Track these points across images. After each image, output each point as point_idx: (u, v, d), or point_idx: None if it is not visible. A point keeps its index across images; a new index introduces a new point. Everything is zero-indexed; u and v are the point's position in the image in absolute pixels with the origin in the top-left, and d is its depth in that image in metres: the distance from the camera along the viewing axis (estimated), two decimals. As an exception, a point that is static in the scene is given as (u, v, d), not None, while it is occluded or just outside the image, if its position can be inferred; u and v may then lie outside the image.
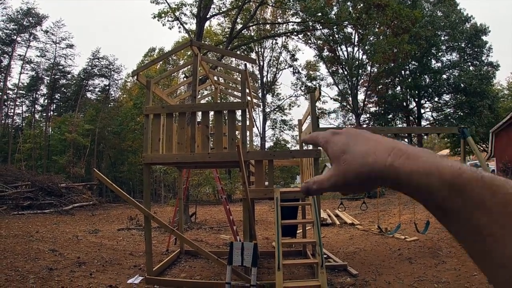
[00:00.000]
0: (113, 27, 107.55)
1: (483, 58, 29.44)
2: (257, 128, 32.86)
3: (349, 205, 14.67)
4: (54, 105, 34.48)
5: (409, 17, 16.86)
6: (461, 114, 28.70)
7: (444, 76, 29.85)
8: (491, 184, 0.34)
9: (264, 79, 33.26)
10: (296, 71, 32.45)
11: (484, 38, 28.79)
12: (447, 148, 37.55)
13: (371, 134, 0.46)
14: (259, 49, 32.23)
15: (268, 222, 13.27)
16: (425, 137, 37.26)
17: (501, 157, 17.67)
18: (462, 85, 27.71)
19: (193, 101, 6.32)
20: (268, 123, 35.41)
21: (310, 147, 6.21)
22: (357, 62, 29.04)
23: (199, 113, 6.24)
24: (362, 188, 0.45)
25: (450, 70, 29.88)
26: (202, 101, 10.09)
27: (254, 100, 9.58)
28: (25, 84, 31.62)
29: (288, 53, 32.26)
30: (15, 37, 28.87)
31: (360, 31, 24.95)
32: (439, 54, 29.82)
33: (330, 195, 24.39)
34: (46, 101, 32.91)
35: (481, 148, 26.41)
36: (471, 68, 29.25)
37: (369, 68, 29.81)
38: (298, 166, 9.50)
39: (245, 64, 7.86)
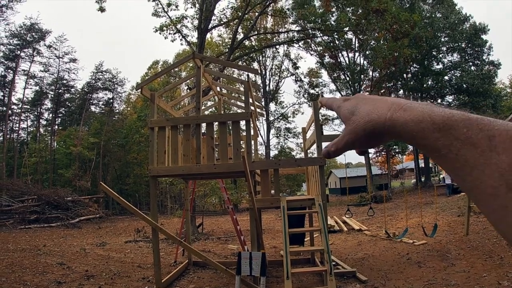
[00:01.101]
0: (116, 41, 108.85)
1: (484, 57, 29.43)
2: (262, 137, 32.96)
3: (356, 211, 14.62)
4: (59, 119, 34.85)
5: (408, 21, 16.93)
6: (465, 115, 28.67)
7: (446, 77, 29.85)
8: (478, 123, 0.37)
9: (267, 87, 33.43)
10: (298, 79, 32.66)
11: (484, 37, 28.80)
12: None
13: (377, 96, 0.51)
14: (261, 58, 32.48)
15: (275, 231, 13.23)
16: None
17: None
18: (464, 85, 27.70)
19: (198, 112, 6.38)
20: (272, 131, 35.54)
21: (315, 154, 6.24)
22: (358, 68, 29.16)
23: (204, 125, 6.29)
24: (371, 143, 0.51)
25: (452, 71, 29.90)
26: (206, 112, 10.15)
27: (258, 110, 9.65)
28: (30, 98, 32.09)
29: (290, 61, 32.49)
30: (18, 52, 29.31)
31: (360, 36, 25.08)
32: (440, 55, 29.86)
33: (336, 202, 24.32)
34: (50, 115, 33.32)
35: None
36: (472, 68, 29.24)
37: (371, 73, 29.91)
38: (304, 174, 9.51)
39: (248, 75, 7.95)
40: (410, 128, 0.42)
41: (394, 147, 31.80)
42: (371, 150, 31.04)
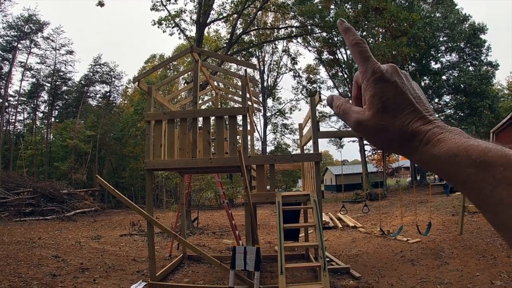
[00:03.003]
0: (114, 34, 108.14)
1: (482, 58, 29.44)
2: (258, 132, 32.95)
3: (351, 208, 14.68)
4: (56, 111, 34.68)
5: (407, 19, 16.94)
6: (462, 114, 28.72)
7: (444, 77, 29.88)
8: None
9: (265, 83, 33.40)
10: (297, 74, 32.61)
11: (482, 37, 28.78)
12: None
13: (417, 97, 0.47)
14: (260, 54, 32.40)
15: (270, 226, 13.28)
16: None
17: (502, 158, 17.60)
18: (462, 85, 27.74)
19: (194, 107, 6.36)
20: (269, 127, 35.54)
21: (312, 150, 6.24)
22: (356, 65, 29.17)
23: (200, 119, 6.27)
24: (384, 147, 0.48)
25: (450, 71, 29.92)
26: (203, 107, 10.14)
27: (255, 105, 9.64)
28: (26, 91, 31.78)
29: (289, 57, 32.44)
30: (15, 44, 29.01)
31: (359, 34, 24.96)
32: (438, 55, 29.87)
33: (332, 199, 24.41)
34: (47, 107, 33.07)
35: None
36: (470, 68, 29.26)
37: (368, 70, 29.93)
38: (299, 170, 9.52)
39: (245, 70, 7.90)
40: (444, 160, 0.41)
41: None
42: (368, 148, 31.11)
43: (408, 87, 0.48)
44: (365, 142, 31.21)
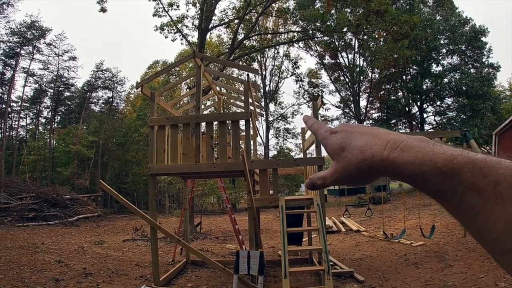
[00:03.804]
0: (114, 34, 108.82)
1: (483, 60, 29.38)
2: (261, 137, 32.97)
3: (354, 212, 14.64)
4: (58, 117, 34.80)
5: (407, 22, 16.98)
6: (464, 117, 28.58)
7: (446, 79, 29.83)
8: (482, 166, 0.36)
9: (267, 88, 33.49)
10: (299, 79, 32.67)
11: (484, 39, 28.75)
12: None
13: (366, 128, 0.50)
14: (261, 59, 32.52)
15: (273, 231, 13.25)
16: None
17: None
18: (463, 88, 27.67)
19: (197, 112, 6.39)
20: (272, 131, 35.58)
21: (314, 154, 6.26)
22: (358, 69, 29.19)
23: (203, 124, 6.30)
24: (364, 181, 0.48)
25: (451, 74, 29.86)
26: (205, 112, 10.16)
27: (257, 110, 9.68)
28: (29, 96, 31.96)
29: (290, 61, 32.52)
30: (18, 50, 29.21)
31: (360, 37, 25.12)
32: (440, 57, 29.84)
33: (335, 203, 24.36)
34: (50, 113, 33.24)
35: (485, 150, 26.24)
36: (472, 70, 29.20)
37: (370, 74, 29.95)
38: (302, 174, 9.52)
39: (248, 75, 7.96)
40: (410, 170, 0.41)
41: None
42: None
43: (359, 129, 0.50)
44: None
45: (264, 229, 12.85)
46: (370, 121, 32.90)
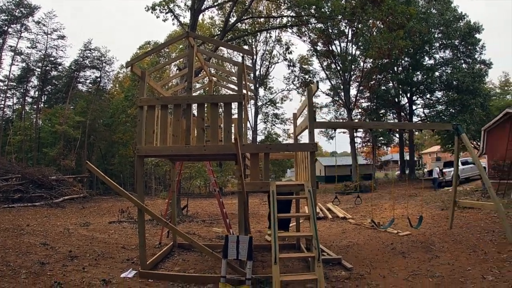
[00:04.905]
0: (105, 19, 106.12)
1: (476, 56, 29.62)
2: (249, 121, 32.82)
3: (340, 199, 14.73)
4: (45, 97, 33.87)
5: (404, 13, 16.86)
6: (453, 111, 28.87)
7: (437, 73, 30.01)
8: None
9: (257, 72, 33.19)
10: (291, 64, 32.38)
11: (477, 36, 28.93)
12: (438, 144, 37.96)
13: None
14: (253, 43, 32.07)
15: (259, 216, 13.26)
16: (416, 133, 37.60)
17: (492, 155, 17.87)
18: (454, 82, 27.88)
19: (189, 93, 6.22)
20: (260, 116, 35.47)
21: (303, 140, 6.17)
22: (350, 57, 29.03)
23: (195, 105, 6.13)
24: None
25: (443, 67, 30.05)
26: (195, 94, 9.95)
27: (249, 93, 9.51)
28: (16, 75, 30.98)
29: (282, 46, 32.13)
30: (6, 28, 28.21)
31: (355, 25, 24.92)
32: (432, 51, 29.96)
33: (321, 190, 24.45)
34: (37, 93, 32.38)
35: (472, 145, 26.65)
36: (463, 65, 29.43)
37: (362, 63, 29.84)
38: (289, 160, 9.45)
39: (243, 57, 7.76)
40: None
41: (380, 138, 31.96)
42: (358, 140, 31.28)
43: None
44: (356, 134, 31.30)
45: (251, 214, 12.81)
46: (360, 110, 33.01)
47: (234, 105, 6.12)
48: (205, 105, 6.14)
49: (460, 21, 29.13)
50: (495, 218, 9.89)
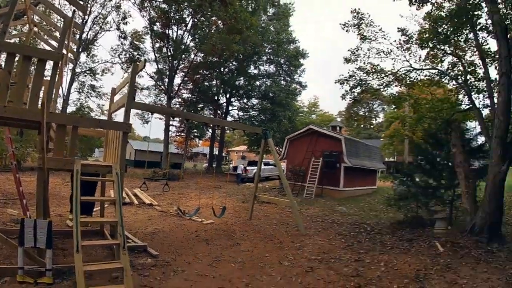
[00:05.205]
0: None
1: (295, 77, 35.09)
2: (62, 88, 28.20)
3: (148, 185, 14.55)
4: None
5: (246, 21, 18.02)
6: (264, 118, 32.91)
7: (258, 82, 33.83)
8: None
9: (84, 35, 29.04)
10: (123, 35, 29.67)
11: (301, 60, 34.09)
12: (245, 144, 42.69)
13: None
14: (89, 1, 27.70)
15: (61, 197, 11.58)
16: (228, 131, 41.13)
17: (291, 161, 21.71)
18: (271, 94, 32.02)
19: (1, 37, 4.84)
20: (75, 85, 31.15)
21: (121, 119, 5.79)
22: (183, 46, 28.97)
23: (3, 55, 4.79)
24: None
25: (264, 79, 34.13)
26: (8, 41, 7.82)
27: (69, 55, 8.18)
28: None
29: (119, 15, 29.07)
30: None
31: (197, 18, 25.11)
32: (260, 62, 33.53)
33: (129, 174, 23.48)
34: None
35: (276, 150, 31.11)
36: (282, 82, 34.25)
37: (193, 55, 30.24)
38: (99, 139, 8.66)
39: (74, 11, 6.60)
40: None
41: (194, 130, 33.33)
42: (173, 128, 31.67)
43: None
44: (172, 122, 31.51)
45: (51, 194, 11.04)
46: (180, 100, 33.46)
47: (50, 66, 5.14)
48: (17, 57, 4.88)
49: (292, 44, 33.68)
50: (289, 213, 11.91)
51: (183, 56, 29.70)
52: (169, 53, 29.30)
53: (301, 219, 9.41)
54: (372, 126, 60.88)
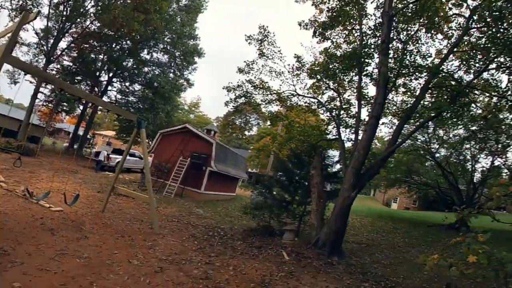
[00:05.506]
0: None
1: (185, 73, 34.52)
2: None
3: (-2, 157, 12.28)
4: None
5: (157, 2, 17.19)
6: (141, 107, 31.32)
7: (146, 69, 32.15)
8: None
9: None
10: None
11: (196, 59, 33.85)
12: (114, 130, 39.96)
13: None
14: None
15: None
16: (100, 112, 37.87)
17: (158, 156, 21.38)
18: (155, 84, 30.72)
19: None
20: None
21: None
22: (82, 10, 25.42)
23: None
24: None
25: (154, 67, 32.74)
26: None
27: None
28: None
29: None
30: None
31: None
32: (154, 49, 31.98)
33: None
34: None
35: (147, 141, 30.09)
36: (171, 75, 33.38)
37: (88, 21, 26.87)
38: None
39: None
40: None
41: (64, 103, 29.44)
42: (41, 96, 27.52)
43: None
44: (43, 90, 27.38)
45: None
46: (58, 67, 29.39)
47: None
48: None
49: (192, 40, 33.08)
50: (146, 209, 11.63)
51: (78, 20, 26.30)
52: (64, 13, 25.53)
53: (157, 217, 9.11)
54: (244, 137, 64.13)
